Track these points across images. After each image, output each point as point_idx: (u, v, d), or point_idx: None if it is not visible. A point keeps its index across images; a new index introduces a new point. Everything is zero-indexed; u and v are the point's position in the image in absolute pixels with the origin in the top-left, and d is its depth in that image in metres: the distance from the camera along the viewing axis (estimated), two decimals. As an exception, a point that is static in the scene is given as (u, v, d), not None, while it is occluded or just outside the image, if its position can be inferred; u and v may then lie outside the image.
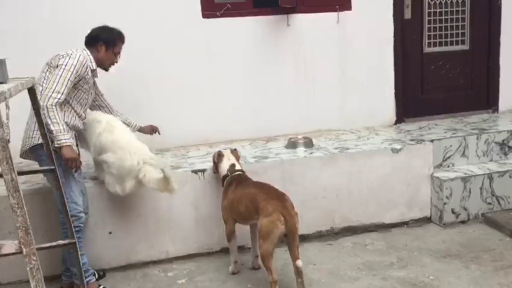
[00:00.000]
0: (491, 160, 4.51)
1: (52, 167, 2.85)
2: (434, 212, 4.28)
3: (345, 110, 4.87)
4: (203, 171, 3.83)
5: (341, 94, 4.85)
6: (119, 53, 3.53)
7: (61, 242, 2.89)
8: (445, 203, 4.16)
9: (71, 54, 3.24)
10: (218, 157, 3.65)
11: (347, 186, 4.13)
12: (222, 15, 4.49)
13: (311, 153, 4.17)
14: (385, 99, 4.98)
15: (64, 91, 3.15)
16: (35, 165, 3.73)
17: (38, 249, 2.16)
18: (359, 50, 4.81)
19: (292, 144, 4.33)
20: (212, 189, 3.85)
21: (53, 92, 3.12)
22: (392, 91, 4.98)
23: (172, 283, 3.53)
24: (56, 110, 3.11)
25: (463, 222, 4.21)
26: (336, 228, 4.13)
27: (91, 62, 3.35)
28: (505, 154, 4.55)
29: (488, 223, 4.17)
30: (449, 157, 4.40)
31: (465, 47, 5.17)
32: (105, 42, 3.42)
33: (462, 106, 5.22)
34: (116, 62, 3.55)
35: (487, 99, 5.31)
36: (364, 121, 4.93)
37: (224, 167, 3.60)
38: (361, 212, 4.17)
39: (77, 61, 3.22)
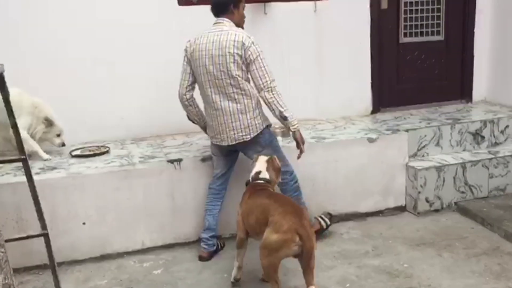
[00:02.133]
0: (464, 150, 4.58)
1: (23, 157, 2.79)
2: (409, 201, 4.34)
3: (321, 99, 4.87)
4: (179, 160, 3.79)
5: (318, 84, 4.85)
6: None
7: (31, 234, 2.84)
8: (419, 192, 4.21)
9: (248, 37, 3.28)
10: (253, 162, 3.30)
11: (324, 175, 4.14)
12: (198, 3, 4.41)
13: (288, 142, 4.16)
14: (362, 89, 5.00)
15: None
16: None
17: (7, 240, 2.11)
18: (336, 39, 4.81)
19: None
20: (188, 179, 3.81)
21: (271, 82, 3.29)
22: (369, 81, 5.00)
23: (148, 273, 3.49)
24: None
25: (436, 210, 4.28)
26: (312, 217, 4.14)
27: None
28: (478, 143, 4.63)
29: (461, 211, 4.25)
30: (423, 147, 4.46)
31: (440, 38, 5.21)
32: (234, 2, 3.38)
33: (436, 96, 5.27)
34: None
35: (461, 90, 5.37)
36: (341, 111, 4.94)
37: (252, 172, 3.26)
38: (337, 201, 4.19)
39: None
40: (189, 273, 3.47)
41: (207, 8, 4.42)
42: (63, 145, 4.02)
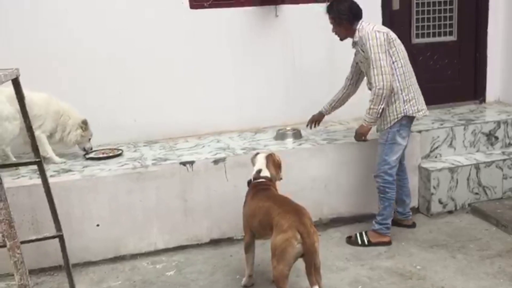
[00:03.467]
0: (478, 151, 4.54)
1: (38, 160, 2.83)
2: (422, 203, 4.31)
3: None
4: (191, 162, 3.82)
5: (330, 85, 4.81)
6: None
7: (46, 235, 2.88)
8: (432, 194, 4.19)
9: None
10: (253, 159, 3.33)
11: (336, 177, 4.14)
12: (210, 6, 4.45)
13: (300, 144, 4.17)
14: (374, 90, 4.97)
15: None
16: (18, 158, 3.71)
17: (22, 242, 2.15)
18: (347, 40, 4.78)
19: (281, 136, 4.32)
20: (200, 181, 3.83)
21: None
22: (381, 82, 4.96)
23: (161, 275, 3.52)
24: None
25: (450, 212, 4.25)
26: (324, 219, 4.14)
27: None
28: (492, 144, 4.59)
29: (474, 213, 4.21)
30: (436, 148, 4.43)
31: (453, 38, 5.18)
32: None
33: (449, 97, 5.24)
34: None
35: (475, 90, 5.34)
36: (353, 112, 4.89)
37: (253, 171, 3.27)
38: (350, 203, 4.18)
39: None
40: (201, 274, 3.49)
41: (218, 11, 4.49)
42: (91, 148, 4.13)
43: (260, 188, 3.13)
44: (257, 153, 3.37)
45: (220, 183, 3.87)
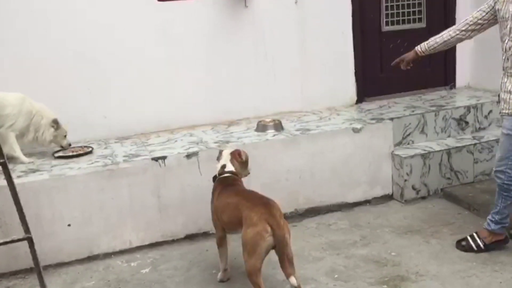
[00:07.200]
0: (449, 136, 4.60)
1: (1, 161, 2.75)
2: (396, 189, 4.35)
3: (306, 91, 4.86)
4: (163, 158, 3.76)
5: (302, 75, 4.83)
6: None
7: (15, 238, 2.80)
8: (405, 180, 4.22)
9: None
10: (218, 156, 3.30)
11: (310, 167, 4.14)
12: (178, -2, 4.38)
13: (274, 135, 4.15)
14: (346, 79, 4.99)
15: None
16: None
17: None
18: (318, 30, 4.79)
19: (261, 127, 4.26)
20: (173, 176, 3.78)
21: None
22: (352, 70, 4.99)
23: (136, 273, 3.47)
24: None
25: (423, 198, 4.30)
26: (300, 209, 4.14)
27: None
28: (462, 129, 4.65)
29: (447, 197, 4.27)
30: (408, 135, 4.47)
31: (422, 25, 5.21)
32: None
33: (420, 84, 5.28)
34: None
35: (445, 76, 5.39)
36: (325, 102, 4.93)
37: (218, 167, 3.26)
38: (324, 192, 4.19)
39: None
40: (177, 270, 3.45)
41: (186, 3, 4.41)
42: (70, 145, 4.08)
43: (227, 183, 3.11)
44: (222, 150, 3.34)
45: (194, 178, 3.83)
